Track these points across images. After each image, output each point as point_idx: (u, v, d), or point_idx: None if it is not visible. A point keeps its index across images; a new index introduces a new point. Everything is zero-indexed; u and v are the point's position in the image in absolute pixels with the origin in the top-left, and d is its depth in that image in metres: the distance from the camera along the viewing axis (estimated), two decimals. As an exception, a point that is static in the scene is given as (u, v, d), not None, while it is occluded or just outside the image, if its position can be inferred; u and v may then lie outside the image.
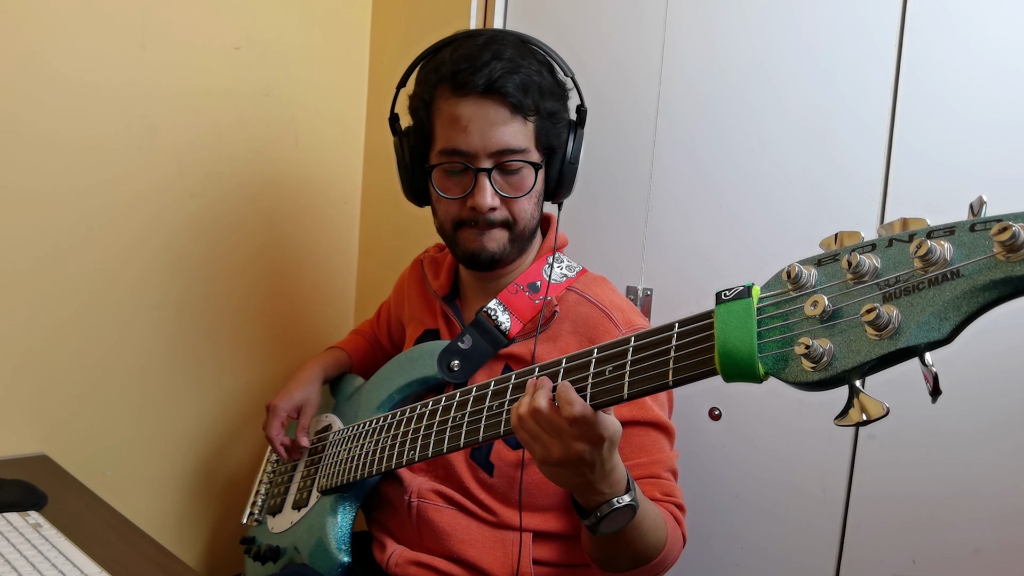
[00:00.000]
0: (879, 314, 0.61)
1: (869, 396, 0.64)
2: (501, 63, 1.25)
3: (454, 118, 1.27)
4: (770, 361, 0.70)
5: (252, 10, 1.90)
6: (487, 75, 1.24)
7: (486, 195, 1.27)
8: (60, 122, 1.65)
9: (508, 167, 1.28)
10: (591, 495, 1.01)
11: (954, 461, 1.26)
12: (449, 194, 1.31)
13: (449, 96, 1.28)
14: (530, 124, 1.29)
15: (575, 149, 1.36)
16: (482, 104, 1.25)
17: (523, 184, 1.30)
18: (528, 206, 1.32)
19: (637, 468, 1.24)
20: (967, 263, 0.59)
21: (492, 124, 1.25)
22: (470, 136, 1.26)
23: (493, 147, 1.26)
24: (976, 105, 1.24)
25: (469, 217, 1.30)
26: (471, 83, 1.24)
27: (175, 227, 1.84)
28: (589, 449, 0.95)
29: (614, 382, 0.88)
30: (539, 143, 1.31)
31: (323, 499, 1.42)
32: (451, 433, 1.10)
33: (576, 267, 1.40)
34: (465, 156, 1.27)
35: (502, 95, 1.25)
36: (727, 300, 0.74)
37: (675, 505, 1.24)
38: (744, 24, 1.47)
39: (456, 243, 1.35)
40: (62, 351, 1.71)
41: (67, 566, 1.18)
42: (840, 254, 0.68)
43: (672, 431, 1.29)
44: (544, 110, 1.29)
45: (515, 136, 1.27)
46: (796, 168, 1.41)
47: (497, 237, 1.31)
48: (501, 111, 1.26)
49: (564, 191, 1.38)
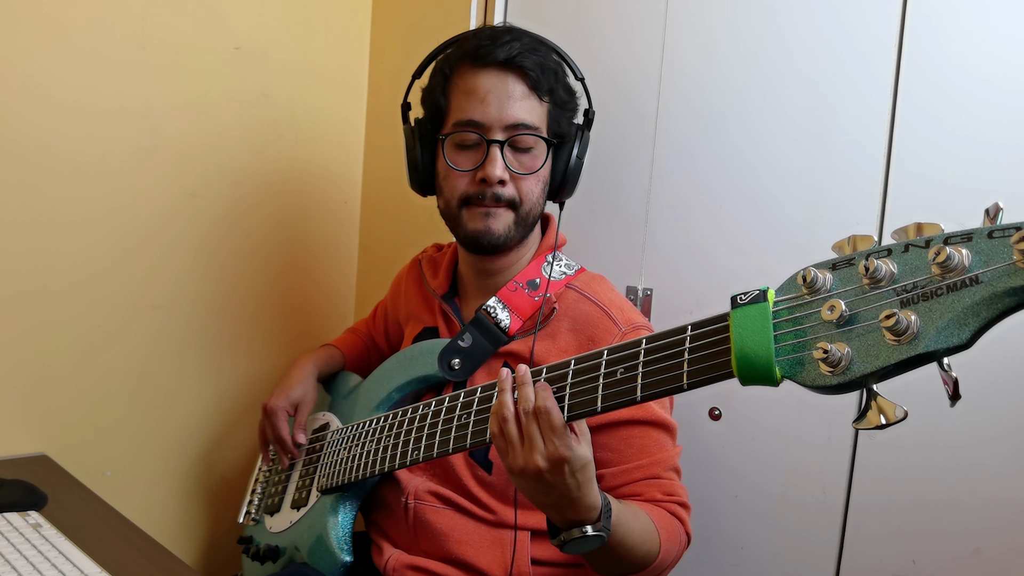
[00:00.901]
0: (898, 319, 0.62)
1: (887, 399, 0.64)
2: (521, 43, 1.29)
3: (472, 89, 1.30)
4: (787, 365, 0.71)
5: (252, 10, 1.90)
6: (508, 50, 1.28)
7: (496, 166, 1.28)
8: (60, 122, 1.64)
9: (520, 143, 1.30)
10: (556, 517, 1.02)
11: (954, 463, 1.27)
12: (460, 166, 1.32)
13: (468, 69, 1.31)
14: (544, 105, 1.32)
15: (581, 148, 1.37)
16: (501, 77, 1.29)
17: (533, 163, 1.32)
18: (535, 189, 1.33)
19: (639, 470, 1.25)
20: (986, 270, 0.59)
21: (509, 96, 1.29)
22: (487, 107, 1.28)
23: (508, 120, 1.28)
24: (976, 108, 1.24)
25: (476, 191, 1.31)
26: (492, 55, 1.28)
27: (175, 227, 1.83)
28: (549, 468, 0.96)
29: (626, 384, 0.88)
30: (550, 128, 1.33)
31: (323, 498, 1.42)
32: (456, 434, 1.10)
33: (575, 265, 1.41)
34: (479, 127, 1.29)
35: (521, 69, 1.29)
36: (743, 304, 0.75)
37: (678, 504, 1.25)
38: (743, 26, 1.47)
39: (460, 223, 1.35)
40: (62, 351, 1.71)
41: (67, 566, 1.18)
42: (856, 259, 0.68)
43: (674, 428, 1.30)
44: (558, 96, 1.33)
45: (530, 112, 1.30)
46: (795, 169, 1.42)
47: (503, 217, 1.32)
48: (519, 85, 1.29)
49: (567, 190, 1.39)
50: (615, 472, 1.25)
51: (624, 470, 1.25)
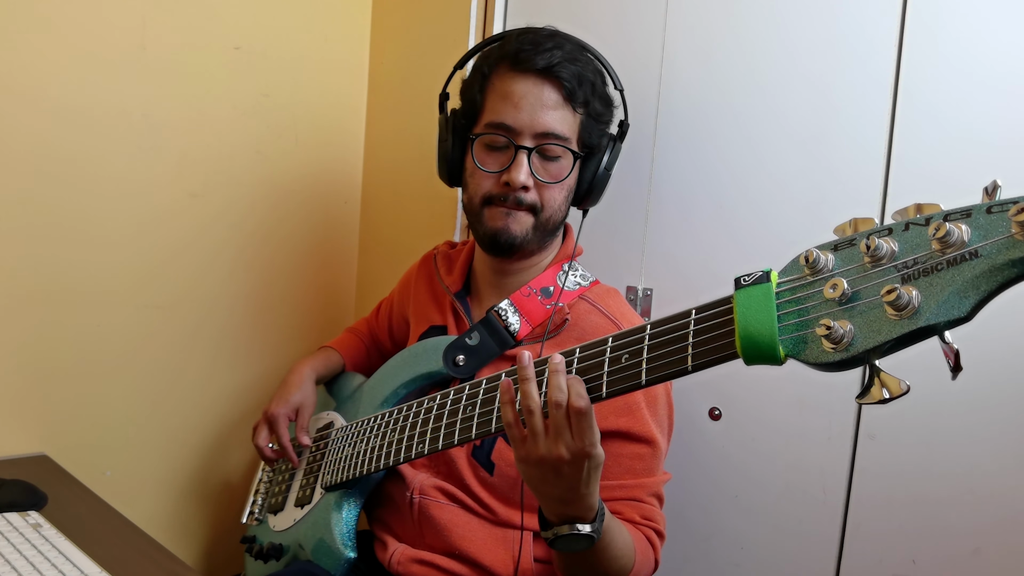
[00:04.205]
0: (899, 294, 0.62)
1: (890, 374, 0.65)
2: (562, 52, 1.30)
3: (507, 93, 1.30)
4: (790, 343, 0.71)
5: (252, 10, 1.90)
6: (547, 58, 1.28)
7: (521, 171, 1.29)
8: (60, 123, 1.65)
9: (549, 152, 1.31)
10: (556, 509, 1.03)
11: (954, 461, 1.27)
12: (486, 167, 1.33)
13: (507, 72, 1.31)
14: (578, 116, 1.32)
15: (611, 159, 1.38)
16: (538, 84, 1.29)
17: (560, 172, 1.32)
18: (558, 197, 1.33)
19: (621, 488, 1.25)
20: (985, 243, 0.60)
21: (543, 105, 1.29)
22: (520, 112, 1.29)
23: (539, 128, 1.29)
24: (976, 108, 1.25)
25: (500, 193, 1.32)
26: (531, 62, 1.28)
27: (175, 227, 1.84)
28: (570, 460, 0.96)
29: (631, 369, 0.89)
30: (581, 139, 1.34)
31: (327, 496, 1.41)
32: (461, 426, 1.10)
33: (590, 277, 1.41)
34: (510, 131, 1.30)
35: (558, 79, 1.29)
36: (746, 285, 0.75)
37: (654, 531, 1.25)
38: (743, 26, 1.48)
39: (481, 220, 1.35)
40: (62, 351, 1.71)
41: (67, 566, 1.17)
42: (857, 239, 0.69)
43: (663, 451, 1.30)
44: (593, 108, 1.33)
45: (562, 122, 1.30)
46: (795, 169, 1.42)
47: (523, 220, 1.32)
48: (554, 95, 1.29)
49: (592, 199, 1.40)
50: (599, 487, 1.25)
51: (607, 486, 1.24)
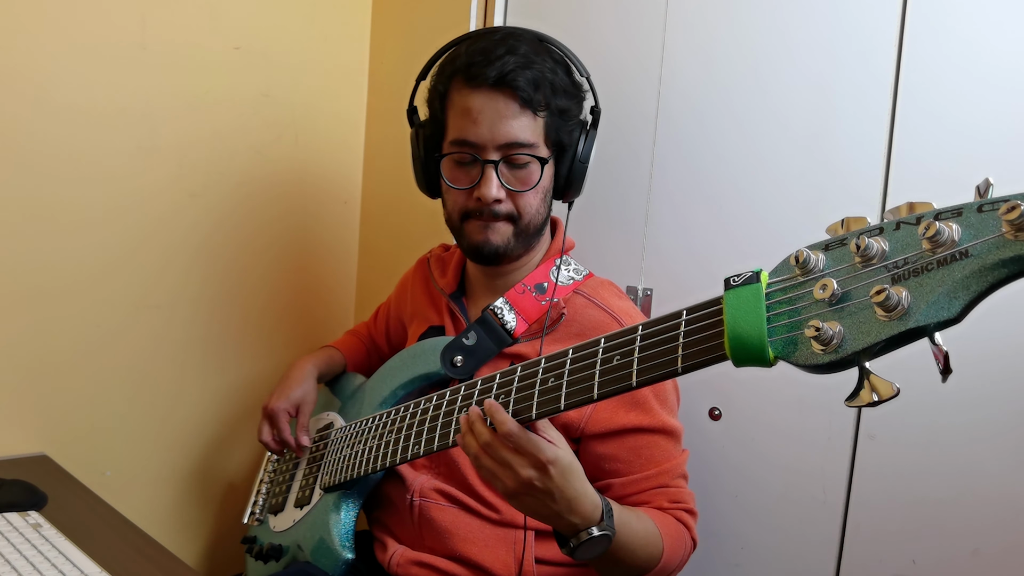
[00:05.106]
0: (888, 295, 0.61)
1: (879, 377, 0.64)
2: (515, 58, 1.27)
3: (465, 109, 1.29)
4: (780, 345, 0.71)
5: (252, 10, 1.90)
6: (499, 68, 1.26)
7: (491, 187, 1.28)
8: (60, 122, 1.65)
9: (515, 160, 1.29)
10: (562, 525, 1.03)
11: (954, 462, 1.26)
12: (457, 184, 1.33)
13: (462, 87, 1.30)
14: (540, 119, 1.30)
15: (586, 148, 1.36)
16: (492, 97, 1.27)
17: (529, 179, 1.31)
18: (534, 201, 1.32)
19: (647, 480, 1.26)
20: (975, 243, 0.59)
21: (501, 117, 1.27)
22: (479, 128, 1.27)
23: (501, 139, 1.27)
24: (976, 108, 1.24)
25: (475, 208, 1.31)
26: (483, 75, 1.26)
27: (175, 227, 1.84)
28: (538, 475, 0.98)
29: (623, 370, 0.88)
30: (548, 139, 1.32)
31: (326, 497, 1.41)
32: (457, 427, 1.10)
33: (583, 270, 1.40)
34: (474, 147, 1.29)
35: (512, 88, 1.26)
36: (736, 286, 0.75)
37: (685, 511, 1.26)
38: (743, 26, 1.48)
39: (462, 234, 1.36)
40: (62, 351, 1.71)
41: (67, 566, 1.18)
42: (848, 238, 0.68)
43: (679, 433, 1.30)
44: (555, 107, 1.31)
45: (523, 130, 1.28)
46: (795, 169, 1.42)
47: (501, 230, 1.32)
48: (511, 105, 1.27)
49: (573, 190, 1.38)
50: (624, 482, 1.26)
51: (632, 480, 1.25)
